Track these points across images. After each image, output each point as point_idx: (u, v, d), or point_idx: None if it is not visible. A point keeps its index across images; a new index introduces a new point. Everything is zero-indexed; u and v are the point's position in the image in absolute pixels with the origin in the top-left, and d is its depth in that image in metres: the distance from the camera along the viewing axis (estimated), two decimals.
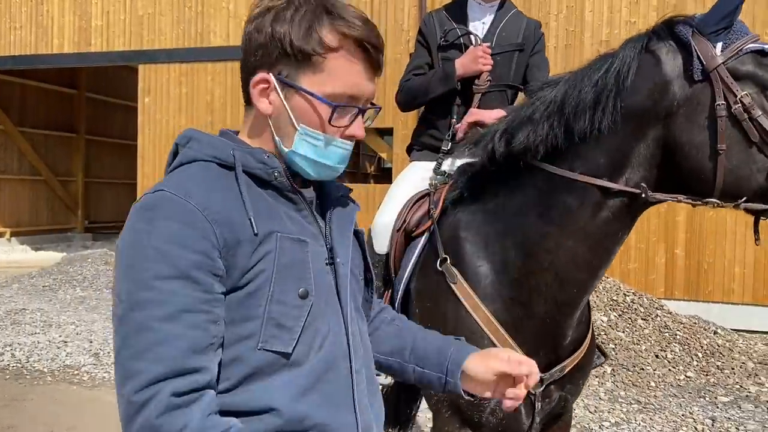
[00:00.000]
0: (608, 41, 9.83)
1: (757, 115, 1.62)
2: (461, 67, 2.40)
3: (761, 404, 5.28)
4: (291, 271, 1.14)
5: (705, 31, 1.68)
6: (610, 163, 1.75)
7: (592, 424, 4.60)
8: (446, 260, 2.00)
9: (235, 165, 1.16)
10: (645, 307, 6.99)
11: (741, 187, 1.67)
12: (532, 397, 1.90)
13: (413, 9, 10.90)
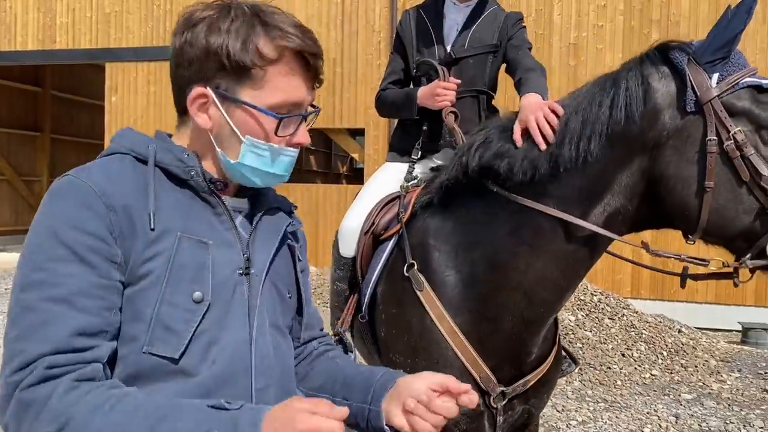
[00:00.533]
0: (576, 44, 9.97)
1: (749, 154, 1.55)
2: (421, 98, 2.37)
3: (722, 401, 5.40)
4: (186, 272, 1.10)
5: (701, 60, 1.60)
6: (589, 189, 1.70)
7: (559, 423, 4.66)
8: (413, 266, 1.95)
9: (149, 158, 1.15)
10: (612, 307, 7.11)
11: (724, 227, 1.61)
12: (494, 411, 1.89)
13: (384, 10, 10.92)
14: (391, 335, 2.00)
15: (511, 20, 2.47)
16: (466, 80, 2.44)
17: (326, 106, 11.21)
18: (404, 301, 1.95)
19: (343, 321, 2.27)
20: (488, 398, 1.87)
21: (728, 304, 9.03)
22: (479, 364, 1.85)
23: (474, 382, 1.85)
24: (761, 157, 1.56)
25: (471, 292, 1.86)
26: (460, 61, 2.44)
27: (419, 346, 1.89)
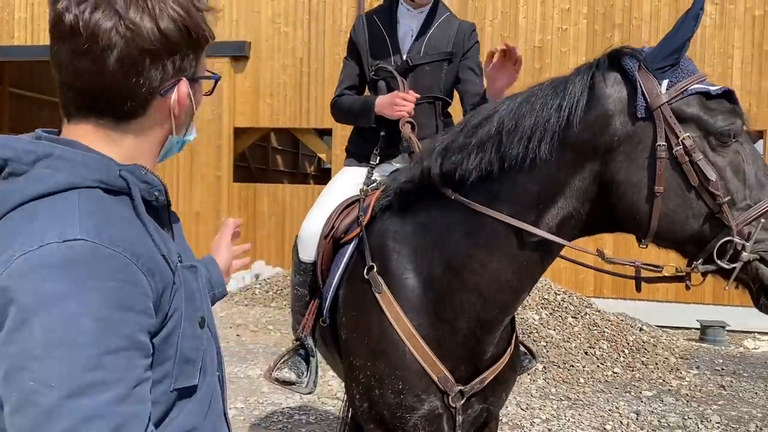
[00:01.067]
0: (541, 47, 10.10)
1: (697, 159, 1.57)
2: (379, 106, 2.38)
3: (681, 397, 5.53)
4: (194, 300, 1.05)
5: (652, 67, 1.62)
6: (543, 193, 1.72)
7: (523, 421, 4.72)
8: (373, 268, 1.96)
9: (131, 191, 0.98)
10: (575, 306, 7.22)
11: (674, 232, 1.63)
12: (453, 410, 1.91)
13: (351, 10, 10.91)
14: (351, 338, 2.00)
15: (465, 31, 2.51)
16: (422, 87, 2.47)
17: (293, 106, 11.16)
18: (364, 304, 1.96)
19: (304, 326, 2.28)
20: (447, 398, 1.89)
21: (687, 303, 9.24)
22: (437, 365, 1.87)
23: (432, 382, 1.87)
24: (709, 162, 1.59)
25: (429, 294, 1.88)
26: (416, 68, 2.46)
27: (378, 349, 1.90)
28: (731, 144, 1.60)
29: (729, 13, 9.42)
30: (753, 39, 9.35)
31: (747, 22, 9.37)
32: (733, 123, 1.59)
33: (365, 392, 1.94)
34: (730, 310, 9.10)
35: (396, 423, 1.90)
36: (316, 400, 5.00)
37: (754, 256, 1.58)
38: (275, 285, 9.02)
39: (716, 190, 1.57)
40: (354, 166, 2.55)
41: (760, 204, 1.58)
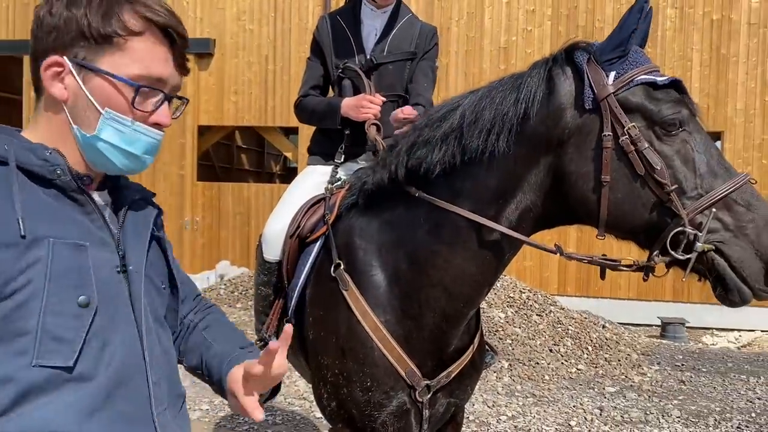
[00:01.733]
0: (506, 48, 10.19)
1: (643, 148, 1.58)
2: (345, 108, 2.38)
3: (643, 393, 5.64)
4: (68, 278, 1.05)
5: (600, 59, 1.64)
6: (502, 187, 1.74)
7: (490, 419, 4.75)
8: (340, 266, 1.96)
9: (9, 161, 1.06)
10: (540, 304, 7.30)
11: (625, 221, 1.65)
12: (420, 405, 1.91)
13: (317, 8, 10.85)
14: (319, 337, 1.99)
15: (427, 33, 2.55)
16: (386, 85, 2.49)
17: (259, 104, 11.06)
18: (331, 302, 1.95)
19: (268, 326, 2.25)
20: (414, 393, 1.89)
21: (648, 300, 9.44)
22: (404, 360, 1.87)
23: (400, 378, 1.87)
24: (655, 151, 1.59)
25: (395, 290, 1.89)
26: (380, 67, 2.48)
27: (346, 347, 1.89)
28: (678, 133, 1.60)
29: (688, 16, 9.64)
30: (711, 42, 9.59)
31: (705, 25, 9.60)
32: (678, 112, 1.60)
33: (333, 391, 1.93)
34: (689, 306, 9.32)
35: (365, 421, 1.89)
36: (282, 401, 4.96)
37: (709, 246, 1.57)
38: (240, 285, 8.92)
39: (662, 178, 1.57)
40: (318, 164, 2.54)
41: (712, 193, 1.58)
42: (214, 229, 11.25)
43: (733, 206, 1.57)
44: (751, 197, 1.59)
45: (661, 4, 9.67)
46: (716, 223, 1.58)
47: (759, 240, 1.55)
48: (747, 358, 7.11)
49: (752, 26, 9.48)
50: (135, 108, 1.14)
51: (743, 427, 4.81)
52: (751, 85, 9.48)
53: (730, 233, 1.57)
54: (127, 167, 1.18)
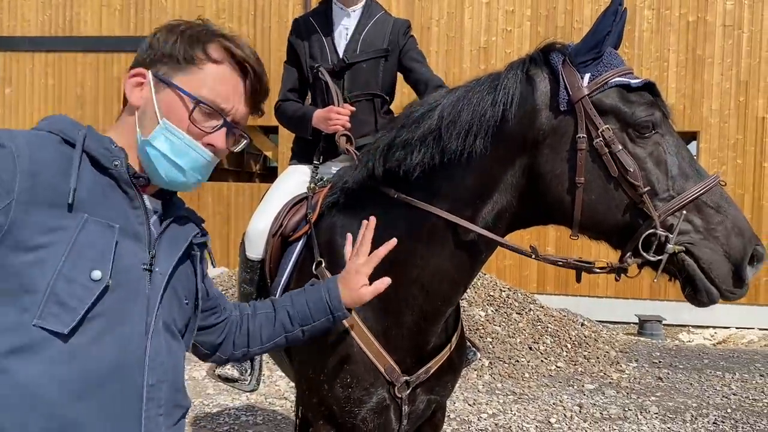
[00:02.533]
0: (486, 48, 10.24)
1: (616, 150, 1.59)
2: (315, 120, 2.41)
3: (622, 389, 5.70)
4: (89, 250, 1.11)
5: (575, 61, 1.65)
6: (479, 188, 1.75)
7: (471, 417, 4.78)
8: (321, 263, 1.97)
9: (77, 142, 1.16)
10: (519, 302, 7.35)
11: (599, 222, 1.65)
12: (399, 401, 1.92)
13: (297, 7, 10.82)
14: None
15: (400, 28, 2.55)
16: (359, 84, 2.50)
17: None
18: None
19: None
20: (393, 389, 1.90)
21: (626, 298, 9.55)
22: (383, 356, 1.89)
23: (380, 374, 1.89)
24: (628, 153, 1.60)
25: None
26: (353, 66, 2.49)
27: (326, 344, 1.90)
28: (651, 135, 1.61)
29: (665, 18, 9.76)
30: (687, 43, 9.72)
31: (681, 27, 9.73)
32: (651, 114, 1.61)
33: (314, 388, 1.94)
34: (666, 304, 9.44)
35: (345, 417, 1.90)
36: (263, 401, 4.94)
37: (680, 248, 1.59)
38: (220, 285, 8.86)
39: (635, 180, 1.58)
40: (299, 164, 2.56)
41: (683, 195, 1.59)
42: None
43: (703, 208, 1.59)
44: (721, 199, 1.61)
45: (638, 5, 9.79)
46: (687, 225, 1.59)
47: (728, 242, 1.57)
48: (722, 354, 7.23)
49: (727, 28, 9.63)
50: (192, 122, 1.23)
51: (719, 422, 4.89)
52: (726, 85, 9.63)
53: (699, 235, 1.59)
54: (171, 180, 1.25)
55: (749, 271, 1.59)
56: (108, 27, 11.36)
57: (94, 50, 11.21)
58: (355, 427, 1.91)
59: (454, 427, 4.51)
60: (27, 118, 11.26)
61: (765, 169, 9.54)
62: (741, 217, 1.61)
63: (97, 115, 11.25)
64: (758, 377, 6.15)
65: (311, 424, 2.49)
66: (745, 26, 9.58)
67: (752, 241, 1.59)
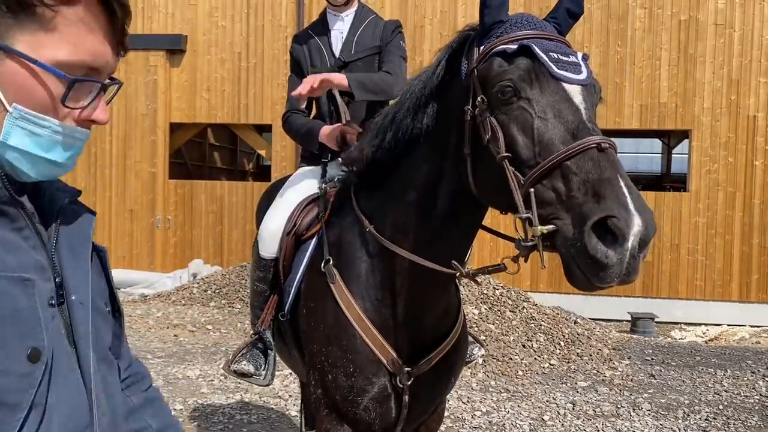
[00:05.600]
0: None
1: (484, 119, 1.54)
2: (322, 137, 2.50)
3: (615, 387, 5.73)
4: (15, 325, 0.82)
5: (478, 35, 1.64)
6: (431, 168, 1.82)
7: (465, 415, 4.79)
8: (329, 261, 2.05)
9: None
10: (513, 300, 7.37)
11: (489, 194, 1.62)
12: (401, 390, 1.97)
13: (291, 5, 10.81)
14: (310, 327, 2.08)
15: (389, 26, 2.71)
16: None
17: (232, 101, 10.97)
18: (320, 295, 2.05)
19: (263, 320, 2.37)
20: (395, 379, 1.96)
21: (618, 296, 9.59)
22: (386, 347, 1.95)
23: (382, 365, 1.95)
24: (495, 121, 1.52)
25: (371, 280, 1.99)
26: (349, 64, 2.63)
27: (332, 335, 1.98)
28: (513, 100, 1.50)
29: (657, 17, 9.80)
30: (679, 42, 9.76)
31: (673, 26, 9.77)
32: (509, 79, 1.50)
33: (320, 378, 2.01)
34: (658, 302, 9.50)
35: (348, 407, 1.96)
36: (257, 399, 4.94)
37: (550, 227, 1.39)
38: (213, 284, 8.86)
39: (495, 146, 1.50)
40: (308, 166, 2.65)
41: (546, 161, 1.41)
42: (186, 228, 11.14)
43: (569, 174, 1.38)
44: (591, 162, 1.37)
45: (631, 4, 9.82)
46: (550, 194, 1.41)
47: (582, 210, 1.33)
48: (714, 351, 7.27)
49: (718, 27, 9.68)
50: (65, 105, 0.89)
51: (711, 419, 4.92)
52: (717, 84, 9.68)
53: (564, 207, 1.38)
54: (42, 175, 0.92)
55: (604, 251, 1.29)
56: None
57: None
58: (357, 416, 1.97)
59: (448, 425, 4.52)
60: None
61: (756, 168, 9.60)
62: (612, 178, 1.33)
63: None
64: (749, 374, 6.19)
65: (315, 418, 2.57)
66: (737, 25, 9.63)
67: (609, 206, 1.29)
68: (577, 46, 9.70)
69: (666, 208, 9.72)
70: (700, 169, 9.73)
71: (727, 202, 9.66)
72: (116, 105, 11.19)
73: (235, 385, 5.27)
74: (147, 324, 7.52)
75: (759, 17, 9.59)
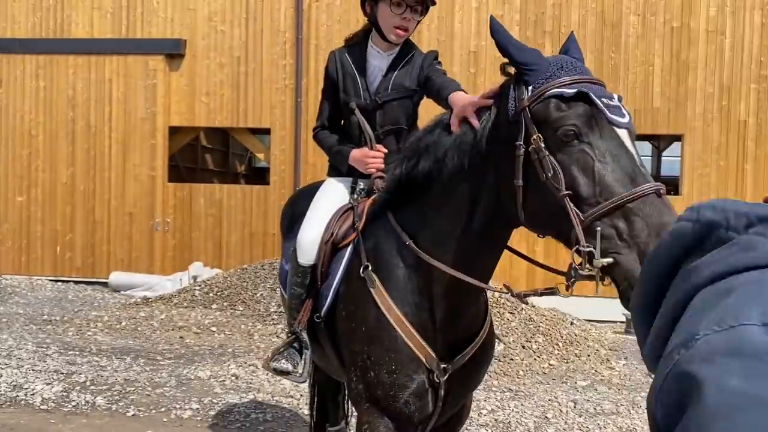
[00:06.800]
0: (476, 52, 10.42)
1: (543, 156, 1.72)
2: (352, 160, 2.63)
3: (613, 386, 5.90)
4: None
5: (525, 76, 1.82)
6: (473, 188, 1.99)
7: (472, 413, 4.92)
8: (368, 267, 2.21)
9: None
10: (512, 302, 7.52)
11: (538, 221, 1.83)
12: (437, 385, 2.15)
13: (290, 10, 10.92)
14: (350, 328, 2.25)
15: (427, 61, 2.70)
16: (390, 119, 2.70)
17: (231, 105, 11.07)
18: (360, 298, 2.22)
19: (300, 321, 2.52)
20: (432, 375, 2.14)
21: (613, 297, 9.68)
22: (424, 347, 2.13)
23: (421, 363, 2.13)
24: (555, 159, 1.72)
25: (409, 286, 2.16)
26: (384, 105, 2.68)
27: (374, 335, 2.15)
28: (575, 143, 1.70)
29: (650, 23, 10.01)
30: (671, 48, 9.98)
31: (666, 32, 9.98)
32: (574, 124, 1.69)
33: (362, 375, 2.18)
34: None
35: (389, 401, 2.13)
36: (270, 399, 5.06)
37: (608, 260, 1.59)
38: (215, 287, 8.94)
39: (556, 183, 1.68)
40: (337, 177, 2.77)
41: (608, 201, 1.61)
42: (185, 231, 11.22)
43: (630, 216, 1.59)
44: (651, 207, 1.58)
45: (624, 11, 10.03)
46: (611, 231, 1.61)
47: (648, 249, 1.54)
48: None
49: (710, 33, 9.90)
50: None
51: None
52: (709, 90, 9.89)
53: (624, 243, 1.59)
54: None
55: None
56: (99, 29, 11.39)
57: (85, 52, 11.22)
58: (397, 410, 2.13)
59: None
60: (18, 120, 11.26)
61: (747, 172, 9.82)
62: (668, 222, 1.53)
63: (88, 117, 11.27)
64: None
65: (327, 418, 2.99)
66: (728, 32, 9.85)
67: None
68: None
69: None
70: (692, 172, 9.94)
71: None
72: (115, 108, 11.27)
73: (246, 385, 5.39)
74: (152, 326, 7.61)
75: (749, 24, 9.82)
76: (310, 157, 10.81)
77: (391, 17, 2.55)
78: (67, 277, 11.28)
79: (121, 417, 4.69)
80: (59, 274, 11.30)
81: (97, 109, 11.30)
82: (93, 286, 10.91)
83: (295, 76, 10.86)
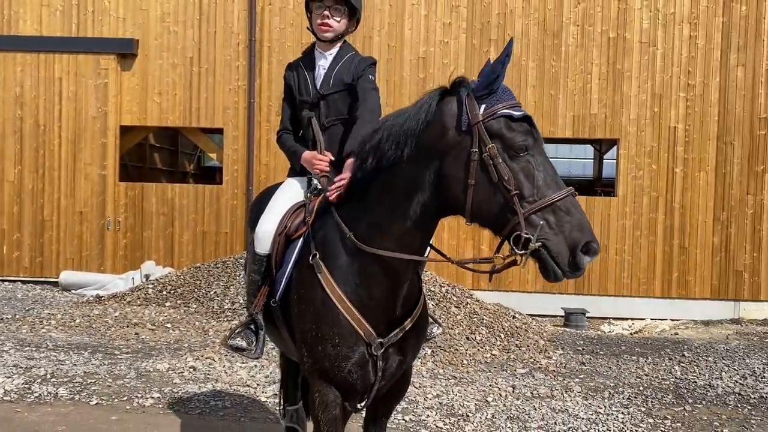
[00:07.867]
0: (425, 58, 10.81)
1: (498, 163, 2.13)
2: (303, 160, 2.99)
3: (549, 373, 6.34)
4: None
5: (476, 94, 2.21)
6: (408, 186, 2.31)
7: (418, 398, 5.28)
8: (316, 255, 2.53)
9: None
10: (457, 297, 7.93)
11: (483, 214, 2.20)
12: (375, 358, 2.46)
13: (243, 12, 11.10)
14: (301, 310, 2.55)
15: (360, 62, 3.10)
16: (333, 111, 3.08)
17: (183, 105, 11.17)
18: (309, 283, 2.52)
19: (256, 305, 2.83)
20: (370, 348, 2.45)
21: (553, 293, 10.32)
22: (362, 322, 2.44)
23: (359, 336, 2.44)
24: (507, 166, 2.14)
25: (350, 268, 2.48)
26: (327, 97, 3.06)
27: (320, 314, 2.46)
28: (524, 155, 2.15)
29: (588, 34, 10.59)
30: (608, 58, 10.58)
31: (603, 42, 10.58)
32: (525, 140, 2.15)
33: (311, 350, 2.49)
34: (589, 298, 10.27)
35: (335, 371, 2.45)
36: (228, 388, 5.30)
37: (539, 244, 2.07)
38: (168, 285, 9.06)
39: (509, 185, 2.11)
40: (295, 177, 3.09)
41: (544, 199, 2.10)
42: (137, 230, 11.26)
43: (557, 211, 2.10)
44: (572, 205, 2.11)
45: (565, 22, 10.58)
46: (543, 222, 2.09)
47: (571, 236, 2.08)
48: (638, 342, 8.02)
49: (643, 45, 10.54)
50: None
51: (632, 398, 5.58)
52: (642, 97, 10.54)
53: (552, 231, 2.09)
54: None
55: (584, 259, 2.07)
56: (49, 27, 11.32)
57: (33, 50, 11.15)
58: (342, 378, 2.45)
59: (404, 406, 5.00)
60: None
61: (676, 175, 10.50)
62: (584, 219, 2.12)
63: (36, 115, 11.20)
64: (667, 360, 6.92)
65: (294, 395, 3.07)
66: (659, 44, 10.51)
67: (588, 236, 2.08)
68: (516, 60, 10.43)
69: (596, 211, 10.51)
70: (626, 175, 10.57)
71: (650, 205, 10.53)
72: (66, 107, 11.23)
73: (204, 376, 5.61)
74: (107, 323, 7.71)
75: (678, 37, 10.50)
76: (263, 157, 11.02)
77: (316, 18, 3.02)
78: (15, 276, 11.18)
79: (85, 406, 4.87)
80: (6, 274, 11.19)
81: (46, 107, 11.23)
82: (42, 286, 10.86)
83: (248, 77, 11.05)
